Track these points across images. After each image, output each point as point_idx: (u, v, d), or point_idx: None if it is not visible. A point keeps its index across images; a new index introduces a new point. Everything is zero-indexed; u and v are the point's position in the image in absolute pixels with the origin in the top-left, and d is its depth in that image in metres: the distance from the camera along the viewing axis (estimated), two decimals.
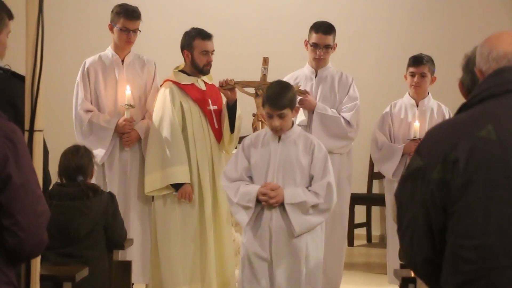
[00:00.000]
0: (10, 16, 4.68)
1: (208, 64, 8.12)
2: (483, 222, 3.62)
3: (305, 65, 8.73)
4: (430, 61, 8.62)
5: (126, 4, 8.31)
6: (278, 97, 6.38)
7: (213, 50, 8.18)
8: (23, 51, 3.98)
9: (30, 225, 3.94)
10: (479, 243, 3.63)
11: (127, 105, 8.15)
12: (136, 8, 8.28)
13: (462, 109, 3.80)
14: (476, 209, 3.63)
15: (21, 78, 4.70)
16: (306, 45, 8.60)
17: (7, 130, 3.89)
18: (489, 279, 3.61)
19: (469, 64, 4.59)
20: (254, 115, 8.01)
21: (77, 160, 6.67)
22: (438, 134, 3.78)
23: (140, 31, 8.30)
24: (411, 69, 8.64)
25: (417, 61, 8.62)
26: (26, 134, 4.14)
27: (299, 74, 8.69)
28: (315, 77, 8.56)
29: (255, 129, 7.93)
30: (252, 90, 8.03)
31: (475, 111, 3.70)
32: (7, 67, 4.79)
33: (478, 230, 3.63)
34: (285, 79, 8.54)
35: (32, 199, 3.95)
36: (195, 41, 8.13)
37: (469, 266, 3.66)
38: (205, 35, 8.18)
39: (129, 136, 8.25)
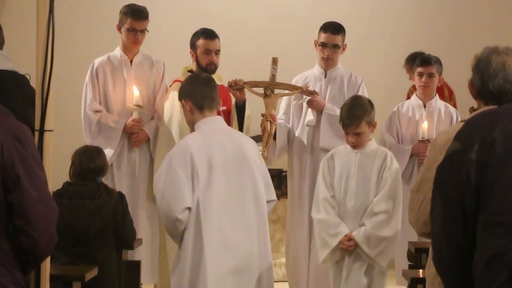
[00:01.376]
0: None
1: (211, 63, 8.09)
2: None
3: (315, 66, 8.70)
4: (438, 61, 8.62)
5: (134, 5, 8.31)
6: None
7: (218, 50, 8.15)
8: (34, 51, 3.99)
9: (42, 224, 3.95)
10: (510, 219, 3.74)
11: (136, 105, 8.16)
12: (144, 8, 8.27)
13: (502, 103, 4.07)
14: (510, 188, 3.76)
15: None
16: (315, 45, 8.59)
17: (15, 130, 3.91)
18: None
19: (479, 64, 4.68)
20: (262, 115, 8.02)
21: (92, 161, 6.69)
22: (478, 121, 3.99)
23: (148, 31, 8.30)
24: (419, 69, 8.63)
25: (425, 61, 8.62)
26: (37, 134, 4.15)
27: (308, 75, 8.67)
28: (325, 78, 8.54)
29: (263, 129, 7.94)
30: (261, 90, 8.04)
31: (509, 107, 3.92)
32: (27, 76, 4.83)
33: (510, 207, 3.75)
34: (294, 79, 8.61)
35: (42, 197, 3.96)
36: (198, 40, 8.18)
37: (497, 241, 3.76)
38: (207, 34, 8.19)
39: (138, 136, 8.26)
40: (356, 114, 6.60)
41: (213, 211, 5.75)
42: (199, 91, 6.02)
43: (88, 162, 6.71)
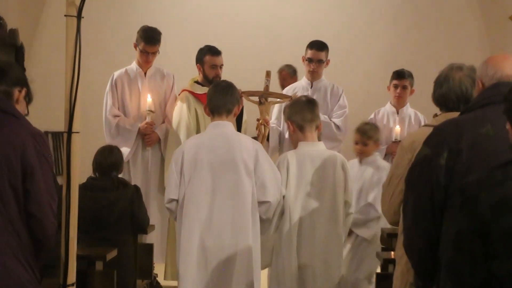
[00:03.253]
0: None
1: (217, 76, 8.15)
2: (478, 205, 3.74)
3: (302, 78, 8.77)
4: (411, 75, 8.66)
5: (149, 30, 8.31)
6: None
7: (222, 65, 8.25)
8: (63, 65, 4.01)
9: (48, 212, 4.03)
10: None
11: (149, 110, 8.23)
12: (157, 34, 8.30)
13: (463, 112, 4.14)
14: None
15: None
16: (303, 60, 8.63)
17: (34, 132, 4.06)
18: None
19: (439, 77, 4.72)
20: (258, 120, 8.05)
21: (111, 158, 6.76)
22: (445, 130, 4.05)
23: (159, 52, 8.36)
24: (395, 82, 8.67)
25: (400, 75, 8.66)
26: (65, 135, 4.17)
27: (297, 86, 8.72)
28: (311, 88, 8.56)
29: (258, 132, 7.97)
30: (256, 98, 8.01)
31: (476, 113, 3.98)
32: None
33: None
34: (285, 90, 8.67)
35: (49, 188, 4.05)
36: (205, 56, 8.24)
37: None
38: (214, 52, 8.26)
39: (150, 137, 8.32)
40: None
41: (193, 204, 5.79)
42: (210, 98, 6.06)
43: (102, 159, 6.75)
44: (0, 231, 3.89)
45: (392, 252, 6.20)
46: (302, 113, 5.90)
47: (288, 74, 8.68)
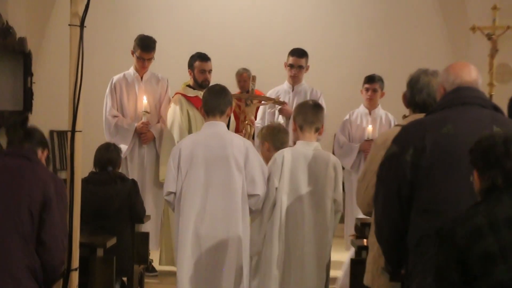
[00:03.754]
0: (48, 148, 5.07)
1: (205, 80, 8.20)
2: (441, 186, 3.91)
3: (285, 82, 8.76)
4: (381, 79, 8.69)
5: (145, 38, 8.33)
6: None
7: (210, 70, 8.29)
8: (67, 70, 4.01)
9: (59, 243, 4.12)
10: (437, 207, 3.90)
11: (144, 111, 8.24)
12: (152, 42, 8.32)
13: (427, 114, 4.19)
14: (439, 180, 3.92)
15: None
16: (285, 66, 8.65)
17: (53, 175, 4.21)
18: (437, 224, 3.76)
19: (411, 81, 4.77)
20: (244, 120, 8.10)
21: (107, 155, 6.76)
22: (410, 129, 4.10)
23: (154, 59, 8.38)
24: (366, 85, 8.71)
25: (370, 79, 8.69)
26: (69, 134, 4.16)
27: (279, 89, 8.73)
28: (292, 91, 8.60)
29: (244, 131, 8.00)
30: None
31: (438, 115, 4.04)
32: None
33: (440, 192, 3.91)
34: (268, 92, 8.69)
35: (63, 222, 4.14)
36: (196, 62, 8.28)
37: (427, 224, 3.89)
38: (203, 58, 8.30)
39: (146, 136, 8.34)
40: None
41: (189, 196, 5.79)
42: (205, 100, 6.05)
43: (100, 156, 6.76)
44: (16, 248, 3.99)
45: (365, 240, 6.22)
46: (305, 115, 5.89)
47: (248, 77, 8.68)
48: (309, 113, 5.90)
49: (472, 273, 3.03)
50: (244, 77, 8.64)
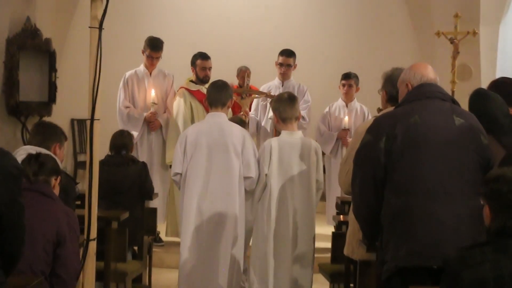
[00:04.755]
0: (66, 138, 5.18)
1: (206, 76, 8.23)
2: (410, 169, 3.91)
3: (275, 79, 8.74)
4: (356, 76, 8.77)
5: (154, 39, 8.32)
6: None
7: (210, 67, 8.32)
8: (87, 66, 3.97)
9: (73, 273, 4.05)
10: (407, 187, 3.89)
11: (153, 103, 8.24)
12: (160, 42, 8.31)
13: (397, 107, 4.21)
14: (408, 164, 3.91)
15: (71, 178, 5.02)
16: (276, 64, 8.65)
17: (67, 211, 4.09)
18: (409, 209, 3.86)
19: (392, 79, 4.79)
20: (240, 111, 8.09)
21: (122, 140, 6.74)
22: (383, 120, 4.13)
23: (161, 57, 8.39)
24: (343, 81, 8.79)
25: (347, 76, 8.78)
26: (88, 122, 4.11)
27: (271, 85, 8.71)
28: (282, 86, 8.56)
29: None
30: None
31: (406, 107, 4.07)
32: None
33: (409, 174, 3.90)
34: (261, 87, 8.69)
35: (76, 253, 4.10)
36: (197, 60, 8.30)
37: (399, 202, 3.91)
38: (204, 57, 8.31)
39: (154, 124, 8.35)
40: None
41: (193, 177, 5.82)
42: (208, 94, 6.07)
43: (116, 141, 6.75)
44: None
45: (342, 216, 6.23)
46: (284, 108, 5.87)
47: (245, 73, 8.67)
48: (287, 108, 5.88)
49: None
50: (243, 74, 8.65)
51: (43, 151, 4.61)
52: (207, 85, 7.72)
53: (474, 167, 3.92)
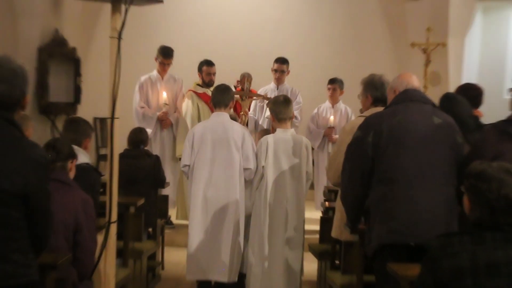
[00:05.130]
0: (93, 131, 5.08)
1: (211, 81, 8.24)
2: (393, 160, 3.95)
3: (271, 83, 8.75)
4: (340, 81, 8.78)
5: (165, 48, 8.34)
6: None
7: (214, 73, 8.36)
8: (108, 71, 3.95)
9: (90, 255, 4.03)
10: (391, 175, 3.93)
11: (164, 103, 8.26)
12: (171, 50, 8.33)
13: (385, 108, 4.29)
14: (391, 156, 3.95)
15: (97, 171, 4.90)
16: (271, 70, 8.66)
17: (84, 198, 4.01)
18: (392, 194, 3.90)
19: (375, 84, 4.84)
20: (240, 111, 8.12)
21: (140, 136, 6.74)
22: (371, 119, 4.15)
23: (172, 64, 8.40)
24: (328, 86, 8.80)
25: (332, 81, 8.79)
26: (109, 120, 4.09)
27: (267, 88, 8.72)
28: (277, 90, 8.57)
29: (241, 120, 8.01)
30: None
31: (392, 109, 4.14)
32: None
33: (392, 165, 3.94)
34: (259, 91, 8.70)
35: (93, 237, 4.06)
36: (203, 66, 8.33)
37: (384, 188, 3.95)
38: (209, 63, 8.34)
39: (166, 122, 8.36)
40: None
41: (199, 168, 5.82)
42: (213, 96, 6.05)
43: (134, 137, 6.72)
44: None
45: (328, 202, 6.24)
46: (280, 109, 5.85)
47: (245, 79, 8.67)
48: (282, 109, 5.86)
49: None
50: (243, 79, 8.65)
51: (78, 150, 4.65)
52: (212, 88, 7.73)
53: (449, 161, 3.97)
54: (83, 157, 4.79)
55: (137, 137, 6.72)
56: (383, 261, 3.84)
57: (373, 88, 4.88)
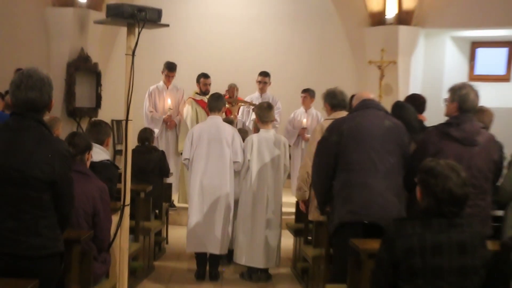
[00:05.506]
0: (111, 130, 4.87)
1: (207, 90, 8.12)
2: (352, 154, 3.95)
3: (256, 92, 8.72)
4: (312, 91, 8.76)
5: (170, 63, 8.33)
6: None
7: (210, 83, 8.28)
8: (123, 82, 3.91)
9: (106, 233, 3.97)
10: (350, 167, 3.93)
11: (169, 108, 8.22)
12: (174, 65, 8.32)
13: (349, 113, 4.30)
14: (351, 151, 3.95)
15: (116, 166, 4.79)
16: (256, 82, 8.65)
17: (100, 186, 3.91)
18: (350, 182, 3.91)
19: (336, 94, 4.84)
20: (230, 114, 8.09)
21: (145, 135, 6.70)
22: (336, 122, 4.16)
23: (175, 76, 8.37)
24: (302, 94, 8.78)
25: (304, 90, 8.78)
26: (124, 122, 4.04)
27: (253, 96, 8.68)
28: (260, 97, 8.54)
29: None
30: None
31: (352, 114, 4.17)
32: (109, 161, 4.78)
33: (351, 158, 3.95)
34: (246, 98, 8.64)
35: (108, 218, 3.99)
36: (200, 78, 8.27)
37: (346, 175, 3.95)
38: (205, 76, 8.28)
39: (171, 123, 8.29)
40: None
41: (197, 161, 5.79)
42: (209, 102, 6.00)
43: (141, 135, 6.68)
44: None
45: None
46: (264, 113, 5.84)
47: (234, 89, 8.63)
48: (265, 113, 5.85)
49: (400, 276, 2.79)
50: (232, 89, 8.61)
51: (100, 148, 4.63)
52: (207, 96, 7.73)
53: (398, 155, 3.98)
54: (105, 154, 4.73)
55: (143, 135, 6.69)
56: (342, 237, 3.87)
57: (330, 98, 4.92)
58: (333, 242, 4.13)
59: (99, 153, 4.57)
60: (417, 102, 5.39)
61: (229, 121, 6.49)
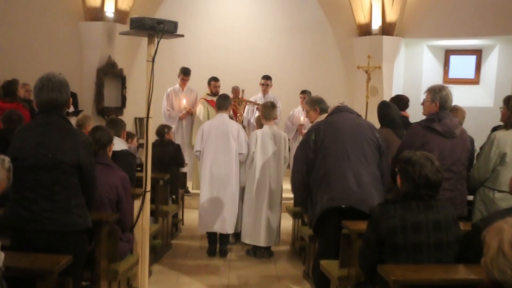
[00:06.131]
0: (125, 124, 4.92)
1: (217, 91, 8.06)
2: (328, 153, 3.90)
3: (259, 93, 8.66)
4: (308, 92, 8.53)
5: (185, 68, 8.27)
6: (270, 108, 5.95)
7: (219, 86, 8.23)
8: (145, 85, 3.88)
9: (129, 217, 3.92)
10: (328, 159, 3.88)
11: (184, 107, 8.18)
12: (189, 70, 8.25)
13: (327, 117, 4.21)
14: (326, 149, 3.90)
15: (134, 155, 4.74)
16: (260, 84, 8.58)
17: (122, 176, 3.86)
18: (329, 172, 3.84)
19: (321, 101, 4.75)
20: (237, 113, 8.04)
21: (161, 130, 6.66)
22: (315, 124, 4.13)
23: (189, 79, 8.30)
24: (300, 95, 8.64)
25: (302, 92, 8.64)
26: (145, 119, 4.01)
27: (256, 97, 8.62)
28: (263, 98, 8.49)
29: (237, 119, 7.92)
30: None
31: (329, 117, 4.13)
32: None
33: (328, 151, 3.89)
34: (250, 98, 8.57)
35: (130, 202, 3.92)
36: (211, 81, 8.24)
37: (325, 167, 3.89)
38: (215, 79, 8.26)
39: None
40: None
41: (207, 153, 5.74)
42: (217, 102, 5.93)
43: (158, 130, 6.64)
44: None
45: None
46: (267, 111, 5.81)
47: (238, 90, 8.58)
48: (269, 111, 5.83)
49: (384, 252, 2.80)
50: (236, 91, 8.58)
51: (119, 140, 4.61)
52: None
53: (370, 147, 3.96)
54: (122, 145, 4.73)
55: (160, 131, 6.66)
56: (323, 221, 3.82)
57: (318, 103, 4.82)
58: (315, 228, 4.01)
59: (118, 144, 4.61)
60: (402, 101, 5.39)
61: (230, 118, 6.49)
